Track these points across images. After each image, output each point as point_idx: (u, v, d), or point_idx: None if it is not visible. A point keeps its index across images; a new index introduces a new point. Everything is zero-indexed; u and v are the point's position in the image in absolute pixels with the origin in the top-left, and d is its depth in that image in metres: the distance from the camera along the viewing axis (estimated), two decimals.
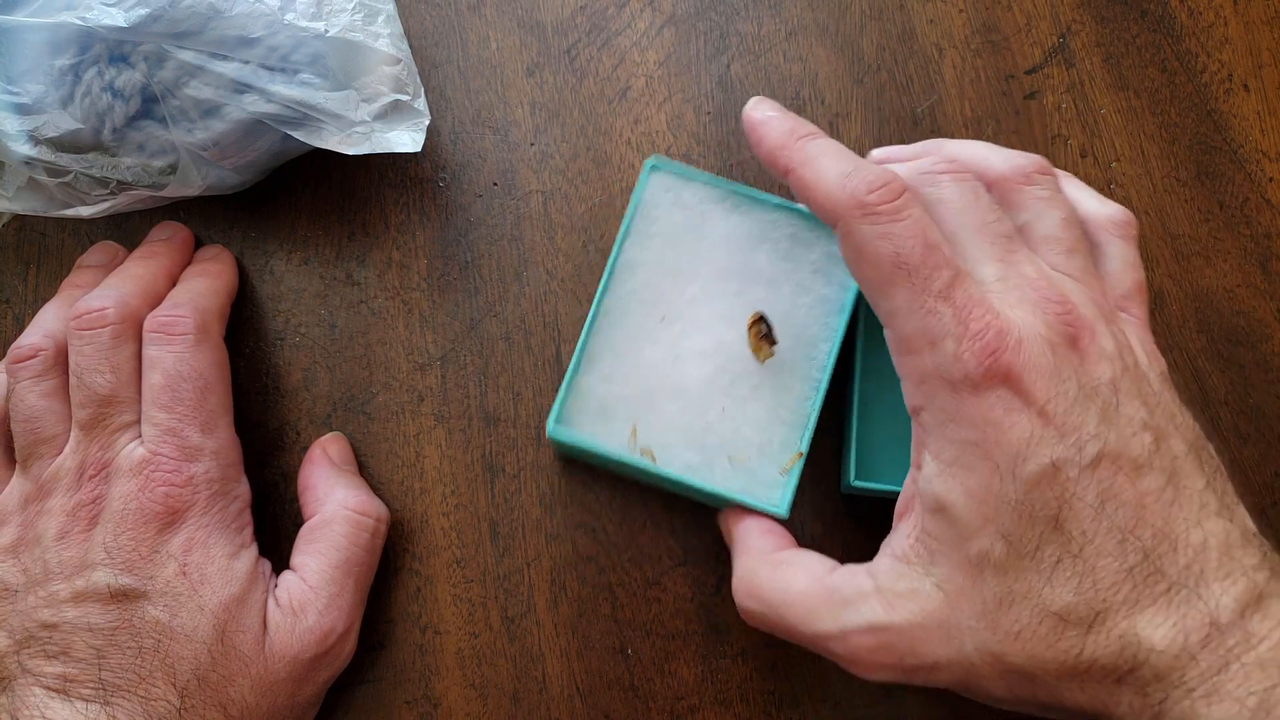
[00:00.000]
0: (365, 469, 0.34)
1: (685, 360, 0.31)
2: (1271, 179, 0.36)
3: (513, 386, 0.34)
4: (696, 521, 0.33)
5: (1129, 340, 0.26)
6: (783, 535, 0.29)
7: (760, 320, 0.30)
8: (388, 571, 0.33)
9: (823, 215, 0.26)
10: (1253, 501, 0.33)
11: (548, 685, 0.32)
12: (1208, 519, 0.24)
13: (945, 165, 0.27)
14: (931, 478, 0.25)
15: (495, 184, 0.36)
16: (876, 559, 0.26)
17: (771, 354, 0.30)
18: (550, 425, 0.30)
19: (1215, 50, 0.37)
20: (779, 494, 0.30)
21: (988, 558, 0.24)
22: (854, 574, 0.26)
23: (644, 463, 0.30)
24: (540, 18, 0.37)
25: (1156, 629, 0.23)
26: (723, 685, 0.32)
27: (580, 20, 0.37)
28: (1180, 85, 0.37)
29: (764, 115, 0.28)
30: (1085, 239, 0.28)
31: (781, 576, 0.27)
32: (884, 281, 0.25)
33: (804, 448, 0.30)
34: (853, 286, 0.31)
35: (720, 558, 0.33)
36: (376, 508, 0.32)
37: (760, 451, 0.30)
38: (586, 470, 0.33)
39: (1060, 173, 0.30)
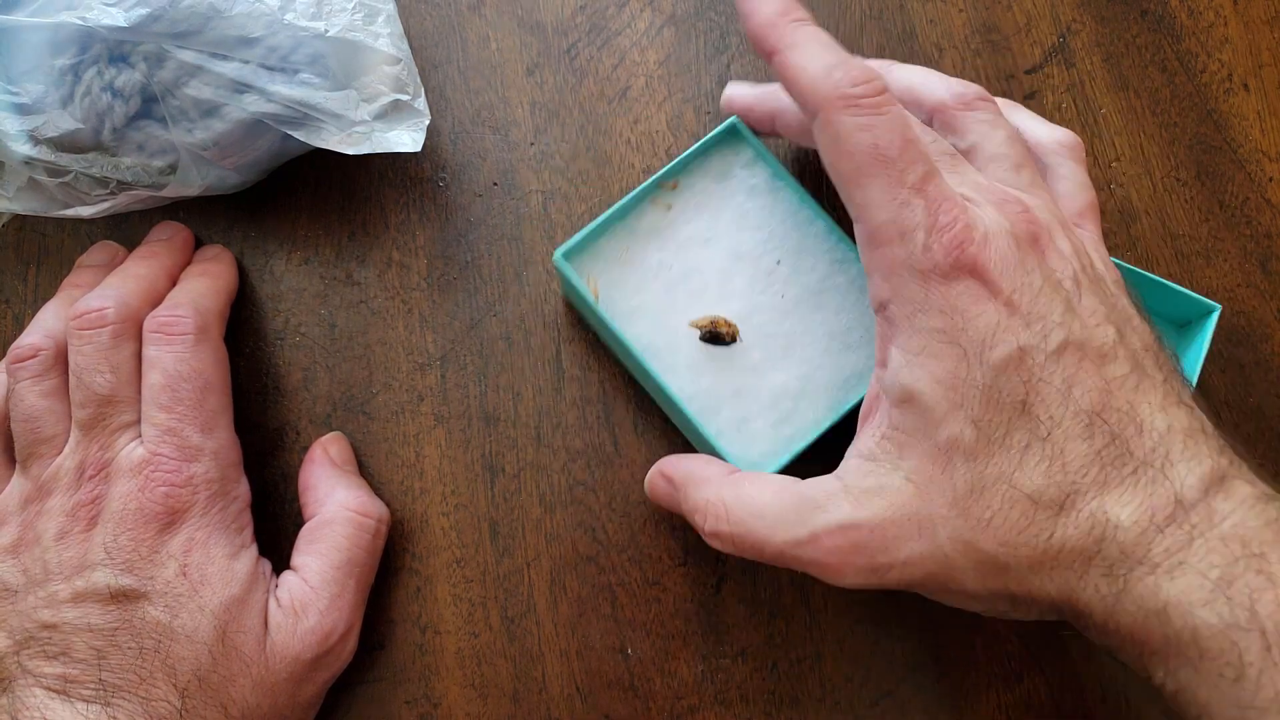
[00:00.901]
0: (365, 469, 0.34)
1: (687, 251, 0.32)
2: (1271, 179, 0.36)
3: (513, 386, 0.34)
4: None
5: (1084, 246, 0.27)
6: (729, 465, 0.29)
7: (725, 331, 0.31)
8: (388, 571, 0.33)
9: (803, 103, 0.26)
10: None
11: (548, 685, 0.32)
12: (1171, 406, 0.24)
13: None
14: (899, 369, 0.25)
15: (495, 184, 0.36)
16: (843, 463, 0.26)
17: (697, 332, 0.31)
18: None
19: (1215, 50, 0.37)
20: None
21: (957, 444, 0.24)
22: (821, 480, 0.26)
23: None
24: (540, 18, 0.37)
25: (1124, 507, 0.23)
26: (723, 685, 0.32)
27: (580, 20, 0.37)
28: (1180, 85, 0.37)
29: None
30: (1031, 156, 0.28)
31: (746, 491, 0.27)
32: (859, 173, 0.25)
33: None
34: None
35: (720, 557, 0.33)
36: (377, 508, 0.32)
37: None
38: (586, 470, 0.33)
39: (1006, 101, 0.31)
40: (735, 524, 0.26)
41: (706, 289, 0.32)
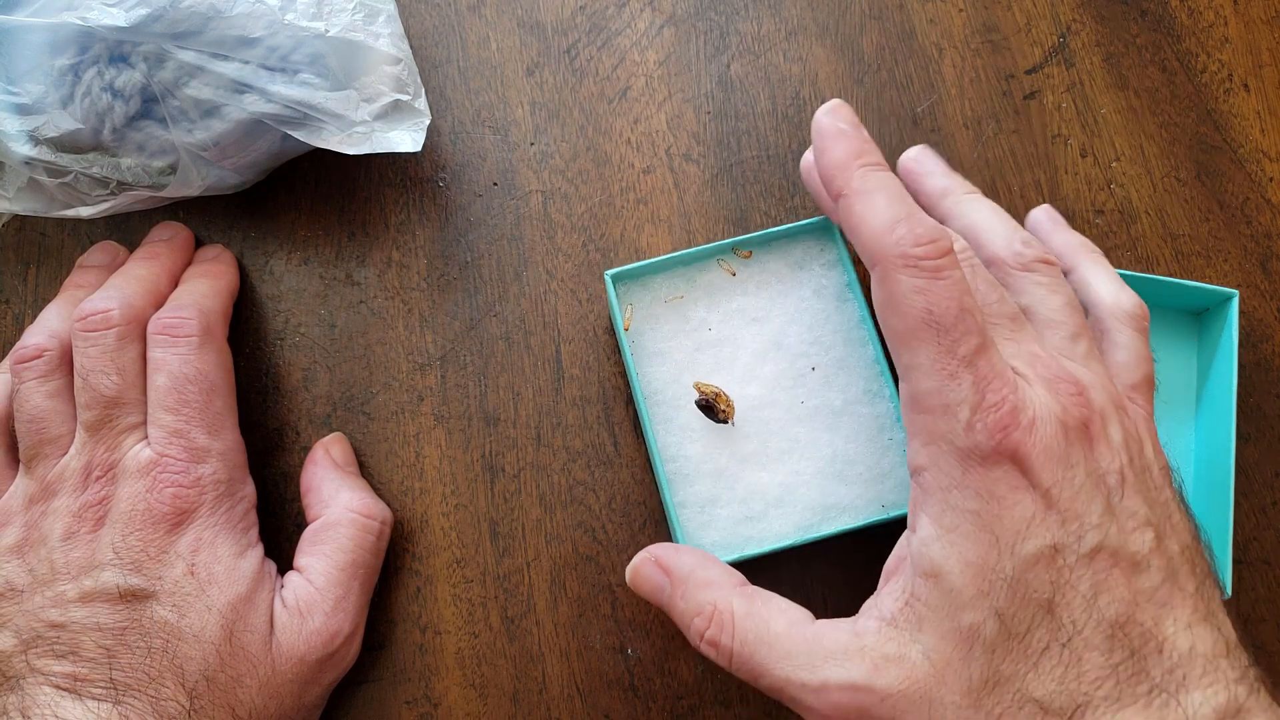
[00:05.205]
0: (365, 469, 0.34)
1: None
2: (1271, 179, 0.36)
3: (513, 386, 0.34)
4: None
5: (1137, 430, 0.26)
6: (735, 573, 0.28)
7: (721, 409, 0.30)
8: (388, 571, 0.33)
9: (864, 254, 0.26)
10: (1253, 501, 0.33)
11: (548, 685, 0.32)
12: (1197, 624, 0.24)
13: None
14: (929, 541, 0.25)
15: (495, 184, 0.36)
16: (861, 618, 0.26)
17: (701, 399, 0.31)
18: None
19: (1215, 50, 0.37)
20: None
21: (979, 633, 0.24)
22: (837, 628, 0.25)
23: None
24: (540, 18, 0.37)
25: None
26: (722, 685, 0.32)
27: (580, 20, 0.37)
28: (1180, 85, 0.37)
29: (836, 127, 0.27)
30: (1087, 325, 0.28)
31: (759, 610, 0.26)
32: (910, 335, 0.24)
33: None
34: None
35: None
36: (381, 510, 0.32)
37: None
38: (586, 470, 0.34)
39: (1087, 246, 0.30)
40: (740, 641, 0.26)
41: (735, 363, 0.31)
